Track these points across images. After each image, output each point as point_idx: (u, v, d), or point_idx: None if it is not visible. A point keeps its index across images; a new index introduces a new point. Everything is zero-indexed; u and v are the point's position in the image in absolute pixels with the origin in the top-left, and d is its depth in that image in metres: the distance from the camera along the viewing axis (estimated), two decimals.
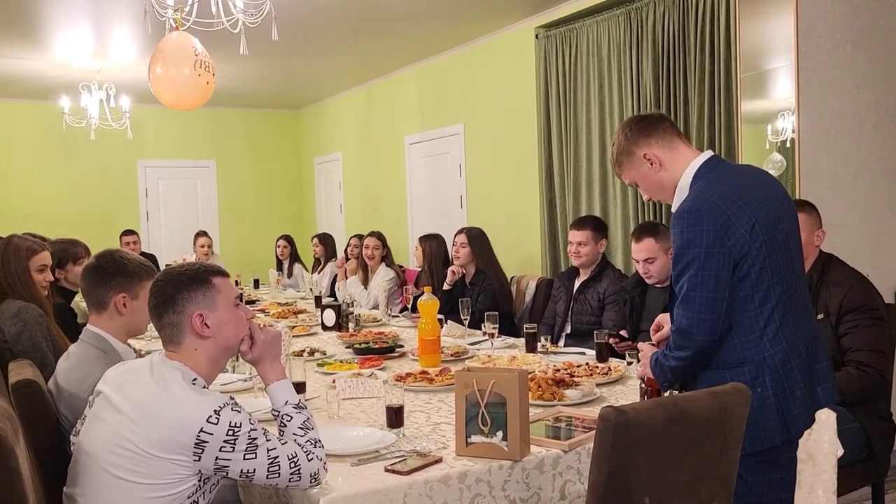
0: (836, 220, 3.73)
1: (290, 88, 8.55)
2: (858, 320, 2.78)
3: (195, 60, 4.00)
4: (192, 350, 1.81)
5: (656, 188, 2.17)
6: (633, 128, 2.16)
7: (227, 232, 9.54)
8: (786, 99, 3.91)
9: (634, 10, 4.88)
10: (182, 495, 1.71)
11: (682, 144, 2.14)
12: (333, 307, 4.23)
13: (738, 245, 1.93)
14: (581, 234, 4.02)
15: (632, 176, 2.19)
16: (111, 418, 1.75)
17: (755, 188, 2.02)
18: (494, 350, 3.42)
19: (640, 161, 2.14)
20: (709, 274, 1.92)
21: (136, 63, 6.68)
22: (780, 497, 2.01)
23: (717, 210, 1.94)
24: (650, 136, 2.13)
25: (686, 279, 1.96)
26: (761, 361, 1.95)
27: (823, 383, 2.04)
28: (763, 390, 1.91)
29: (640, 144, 2.14)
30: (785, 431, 1.95)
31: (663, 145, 2.12)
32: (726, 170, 2.09)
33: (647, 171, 2.14)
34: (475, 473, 1.88)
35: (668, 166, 2.12)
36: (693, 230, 1.94)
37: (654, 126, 2.14)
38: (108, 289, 2.29)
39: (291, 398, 1.86)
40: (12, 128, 8.49)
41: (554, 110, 5.65)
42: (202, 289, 1.81)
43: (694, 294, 1.94)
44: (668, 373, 2.06)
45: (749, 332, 1.96)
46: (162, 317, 1.81)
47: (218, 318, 1.81)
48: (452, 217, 6.79)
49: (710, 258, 1.92)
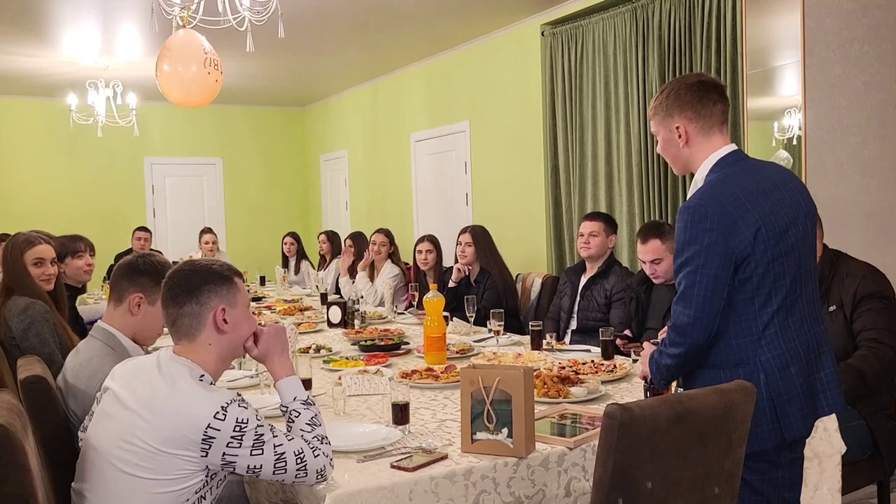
0: (843, 218, 3.73)
1: (296, 86, 8.56)
2: (872, 305, 2.79)
3: (204, 58, 4.02)
4: (206, 345, 1.83)
5: (671, 156, 2.12)
6: (689, 93, 2.05)
7: (234, 229, 9.57)
8: (792, 96, 3.90)
9: (640, 7, 4.88)
10: (190, 490, 1.72)
11: (718, 134, 2.06)
12: (339, 304, 4.23)
13: (741, 247, 1.90)
14: (593, 224, 4.02)
15: (658, 131, 2.13)
16: (119, 414, 1.76)
17: (770, 190, 1.97)
18: (500, 347, 3.43)
19: (672, 127, 2.07)
20: (707, 273, 1.90)
21: (143, 60, 6.70)
22: (784, 497, 2.01)
23: (723, 210, 1.91)
24: (697, 112, 2.04)
25: (684, 275, 1.95)
26: (757, 364, 1.92)
27: (827, 391, 2.00)
28: (757, 392, 1.88)
29: (682, 114, 2.05)
30: (778, 435, 1.93)
31: (701, 127, 2.04)
32: (744, 167, 2.02)
33: (672, 138, 2.08)
34: (480, 470, 1.88)
35: (692, 147, 2.06)
36: (696, 227, 1.92)
37: (707, 104, 2.04)
38: (129, 284, 2.31)
39: (300, 394, 1.88)
40: (20, 125, 8.53)
41: (560, 107, 5.65)
42: (226, 285, 1.85)
43: (691, 292, 1.93)
44: (663, 370, 2.05)
45: (747, 334, 1.94)
46: (183, 305, 1.82)
47: (236, 315, 1.85)
48: (458, 214, 6.79)
49: (710, 257, 1.90)
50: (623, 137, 5.08)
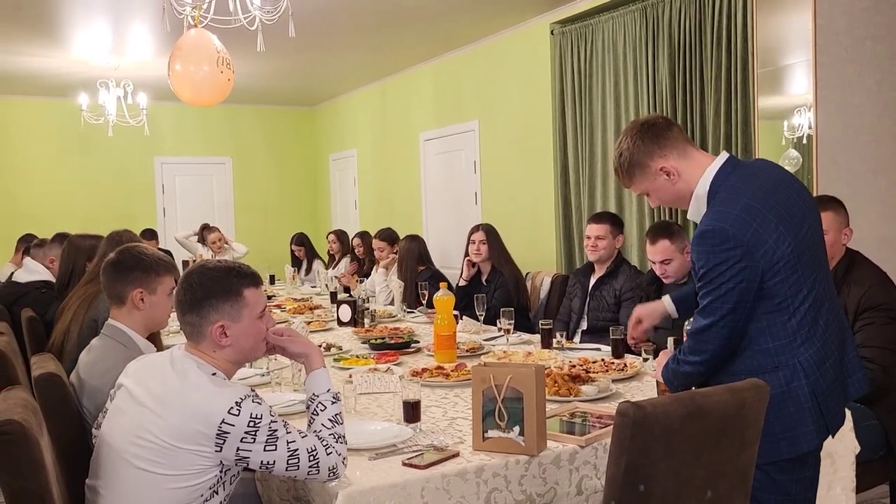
0: (855, 218, 3.69)
1: (305, 85, 8.58)
2: (874, 318, 2.76)
3: (216, 57, 4.03)
4: (211, 350, 1.84)
5: (671, 198, 2.08)
6: (644, 137, 2.02)
7: (243, 228, 9.59)
8: (802, 95, 3.89)
9: (650, 5, 4.86)
10: (204, 486, 1.73)
11: (693, 150, 2.04)
12: (349, 303, 4.24)
13: (767, 256, 1.87)
14: (599, 227, 4.00)
15: (644, 188, 2.08)
16: (133, 411, 1.77)
17: (776, 188, 1.95)
18: (510, 346, 3.43)
19: (656, 174, 2.03)
20: (732, 287, 1.87)
21: (154, 60, 6.72)
22: (807, 496, 1.99)
23: (742, 224, 1.87)
24: (664, 146, 2.01)
25: (708, 291, 1.91)
26: (796, 365, 1.90)
27: (853, 374, 2.00)
28: (801, 394, 1.87)
29: (654, 156, 2.01)
30: (823, 433, 1.92)
31: (678, 154, 2.01)
32: (745, 173, 1.99)
33: (662, 182, 2.04)
34: (492, 468, 1.88)
35: (684, 176, 2.01)
36: (719, 251, 1.87)
37: (665, 134, 2.02)
38: (125, 284, 2.32)
39: (332, 388, 1.89)
40: (31, 125, 8.57)
41: (569, 106, 5.64)
42: (231, 300, 1.82)
43: (715, 305, 1.89)
44: (681, 377, 2.02)
45: (783, 337, 1.91)
46: (185, 314, 1.83)
47: (238, 330, 1.83)
48: (467, 213, 6.79)
49: (736, 274, 1.86)
50: None
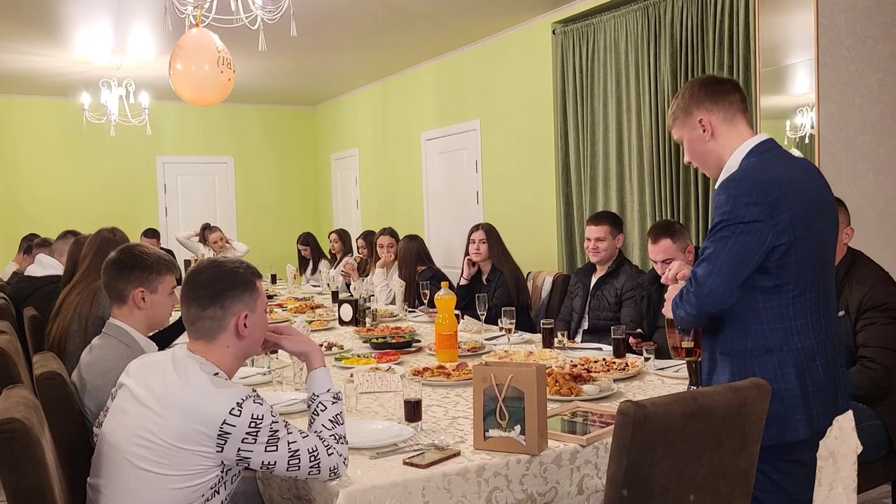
0: (856, 217, 3.69)
1: (307, 85, 8.58)
2: (876, 318, 2.76)
3: (217, 57, 4.03)
4: (224, 347, 1.84)
5: (700, 156, 2.09)
6: (702, 88, 2.06)
7: (245, 227, 9.60)
8: (805, 94, 3.88)
9: (652, 4, 4.86)
10: (205, 486, 1.73)
11: (742, 122, 2.05)
12: (350, 302, 4.24)
13: (781, 226, 1.85)
14: (599, 229, 3.99)
15: (681, 134, 2.11)
16: (134, 410, 1.77)
17: (805, 181, 1.95)
18: (511, 345, 3.42)
19: (695, 123, 2.05)
20: (742, 241, 1.85)
21: (156, 60, 6.73)
22: (805, 497, 2.00)
23: (767, 187, 1.87)
24: (714, 102, 2.03)
25: (715, 240, 1.89)
26: (789, 351, 1.90)
27: (843, 389, 2.01)
28: (789, 381, 1.87)
29: (700, 107, 2.04)
30: (811, 425, 1.92)
31: (723, 116, 2.02)
32: (781, 154, 2.00)
33: (697, 135, 2.05)
34: (493, 467, 1.88)
35: (719, 139, 2.03)
36: (741, 200, 1.86)
37: (723, 94, 2.04)
38: (126, 283, 2.32)
39: (333, 387, 1.90)
40: (33, 124, 8.58)
41: (571, 106, 5.64)
42: (249, 290, 1.86)
43: (718, 257, 1.87)
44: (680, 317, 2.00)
45: (779, 321, 1.91)
46: (206, 308, 1.83)
47: (255, 320, 1.87)
48: (469, 213, 6.79)
49: (749, 228, 1.85)
50: (634, 136, 5.06)
